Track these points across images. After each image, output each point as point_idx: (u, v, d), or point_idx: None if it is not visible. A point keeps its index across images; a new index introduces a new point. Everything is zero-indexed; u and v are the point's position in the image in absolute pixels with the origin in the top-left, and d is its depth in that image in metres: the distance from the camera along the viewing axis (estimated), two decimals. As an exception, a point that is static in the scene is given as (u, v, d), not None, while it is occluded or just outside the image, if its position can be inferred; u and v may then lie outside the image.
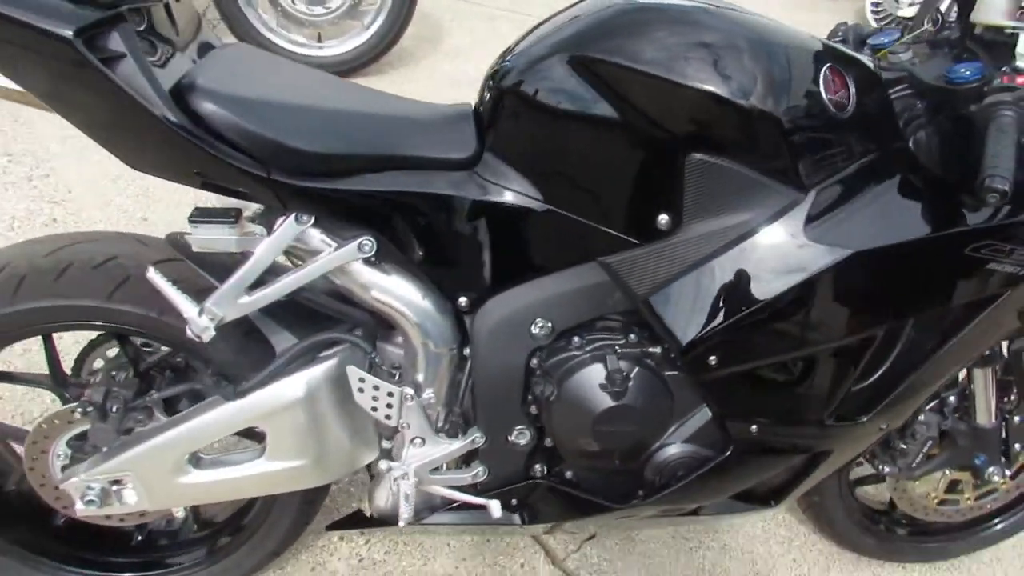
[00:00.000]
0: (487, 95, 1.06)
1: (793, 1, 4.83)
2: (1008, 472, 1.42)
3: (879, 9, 4.38)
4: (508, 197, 1.02)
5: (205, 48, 1.06)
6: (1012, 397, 1.39)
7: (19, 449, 1.23)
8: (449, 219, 1.03)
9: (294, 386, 1.09)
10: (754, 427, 1.11)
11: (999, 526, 1.59)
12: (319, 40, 2.99)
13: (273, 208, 0.99)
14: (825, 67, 0.99)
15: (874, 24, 4.40)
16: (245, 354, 1.11)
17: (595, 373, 1.09)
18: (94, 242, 1.11)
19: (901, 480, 1.47)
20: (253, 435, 1.22)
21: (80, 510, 1.14)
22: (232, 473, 1.14)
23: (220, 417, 1.09)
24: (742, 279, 1.01)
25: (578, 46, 0.98)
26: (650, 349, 1.10)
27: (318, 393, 1.10)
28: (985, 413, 1.35)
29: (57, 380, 1.19)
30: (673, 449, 1.16)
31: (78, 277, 1.06)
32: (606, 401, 1.09)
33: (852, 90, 1.01)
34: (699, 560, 1.62)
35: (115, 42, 0.84)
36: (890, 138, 1.05)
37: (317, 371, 1.09)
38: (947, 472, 1.47)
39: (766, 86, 0.95)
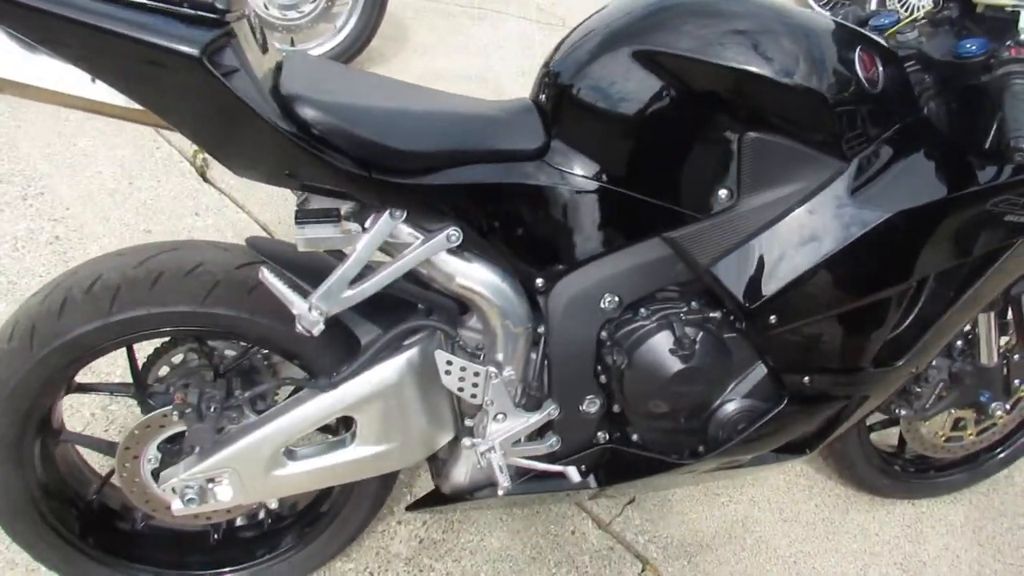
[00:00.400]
0: (548, 88, 1.14)
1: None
2: (1007, 406, 1.58)
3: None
4: (577, 182, 1.11)
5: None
6: (1011, 338, 1.54)
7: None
8: (525, 206, 1.11)
9: (384, 373, 1.15)
10: (807, 378, 1.22)
11: (999, 456, 1.76)
12: (292, 44, 3.00)
13: (367, 205, 1.05)
14: (858, 48, 1.11)
15: (815, 7, 4.61)
16: (332, 346, 1.17)
17: (663, 340, 1.18)
18: (179, 250, 1.14)
19: (914, 422, 1.61)
20: (328, 427, 1.28)
21: (178, 509, 1.18)
22: (325, 462, 1.20)
23: (315, 409, 1.15)
24: (798, 244, 1.12)
25: (640, 40, 1.06)
26: (711, 314, 1.20)
27: (405, 378, 1.17)
28: (988, 354, 1.50)
29: (140, 387, 1.23)
30: (733, 405, 1.26)
31: (172, 285, 1.10)
32: (676, 365, 1.18)
33: (880, 68, 1.13)
34: (731, 514, 1.74)
35: (229, 58, 0.89)
36: (911, 110, 1.17)
37: (404, 357, 1.16)
38: (953, 411, 1.61)
39: (811, 67, 1.06)
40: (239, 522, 1.41)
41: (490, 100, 1.19)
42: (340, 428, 1.30)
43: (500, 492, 1.20)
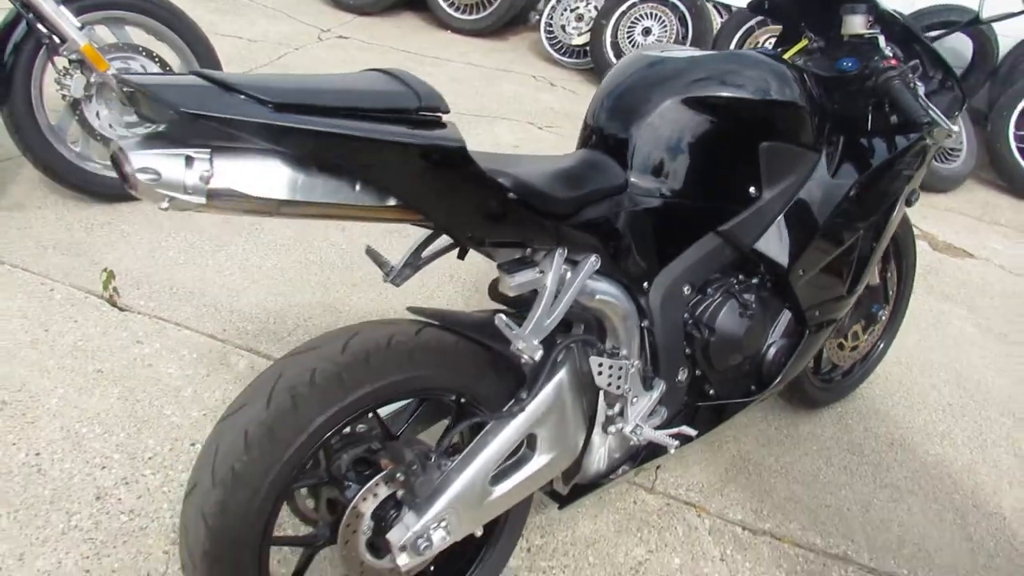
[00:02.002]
0: (610, 138, 1.47)
1: (477, 45, 5.63)
2: (887, 307, 2.19)
3: (554, 40, 5.34)
4: (654, 203, 1.45)
5: None
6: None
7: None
8: (628, 230, 1.42)
9: (555, 388, 1.38)
10: (817, 312, 1.67)
11: (881, 347, 2.39)
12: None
13: (539, 249, 1.29)
14: (804, 73, 1.59)
15: (551, 52, 5.37)
16: (499, 378, 1.37)
17: (731, 308, 1.56)
18: (360, 333, 1.26)
19: (834, 340, 2.17)
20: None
21: (406, 564, 1.29)
22: (519, 478, 1.39)
23: (511, 434, 1.34)
24: (807, 216, 1.57)
25: (684, 91, 1.44)
26: (752, 281, 1.61)
27: (565, 388, 1.41)
28: (873, 275, 2.10)
29: (332, 478, 1.31)
30: (774, 347, 1.68)
31: (382, 359, 1.23)
32: (743, 324, 1.57)
33: (814, 84, 1.62)
34: (729, 453, 2.15)
35: (457, 135, 1.10)
36: (836, 109, 1.68)
37: (564, 370, 1.40)
38: (855, 325, 2.20)
39: (792, 90, 1.51)
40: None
41: (566, 154, 1.49)
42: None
43: (671, 450, 1.49)
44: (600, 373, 1.42)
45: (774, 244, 1.56)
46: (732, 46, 4.71)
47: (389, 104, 1.05)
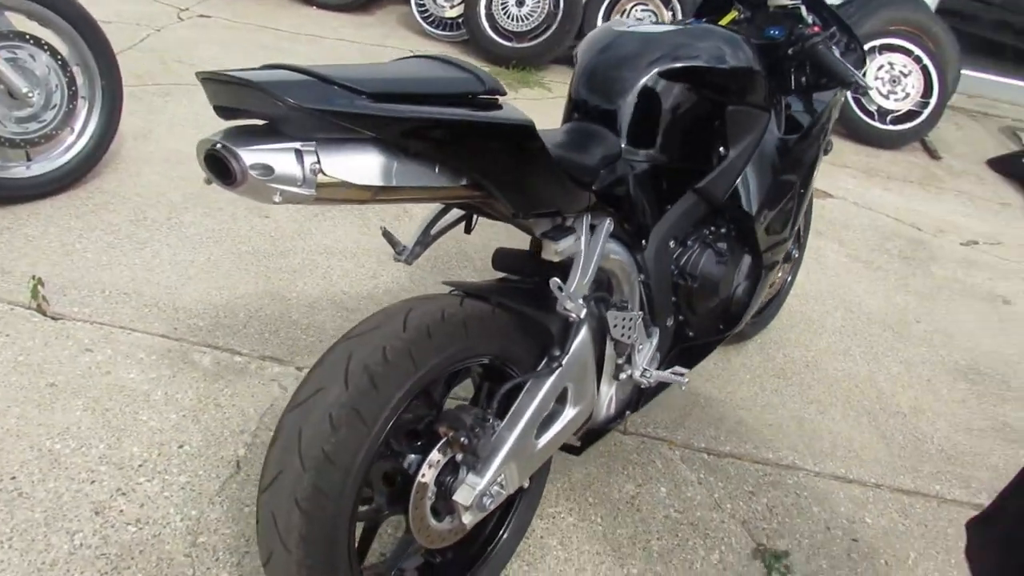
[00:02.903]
0: (601, 108, 1.59)
1: (346, 20, 5.51)
2: (796, 250, 2.48)
3: (425, 12, 5.33)
4: (646, 167, 1.60)
5: None
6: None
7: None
8: (630, 193, 1.56)
9: (581, 343, 1.50)
10: (770, 253, 1.89)
11: (789, 281, 2.70)
12: (28, 158, 2.67)
13: (569, 216, 1.40)
14: (745, 39, 1.78)
15: (424, 25, 5.36)
16: (529, 341, 1.47)
17: (710, 258, 1.74)
18: (415, 309, 1.32)
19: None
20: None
21: (470, 520, 1.38)
22: (556, 429, 1.50)
23: (550, 390, 1.45)
24: (765, 168, 1.77)
25: (659, 64, 1.58)
26: (722, 231, 1.79)
27: (588, 343, 1.53)
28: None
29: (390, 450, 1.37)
30: (740, 288, 1.88)
31: (441, 331, 1.30)
32: (720, 270, 1.75)
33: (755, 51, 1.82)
34: (694, 391, 2.37)
35: (523, 114, 1.19)
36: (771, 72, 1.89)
37: (587, 326, 1.52)
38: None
39: (748, 57, 1.70)
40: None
41: (564, 127, 1.59)
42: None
43: (683, 387, 1.65)
44: (615, 326, 1.56)
45: (741, 196, 1.75)
46: (600, 14, 4.93)
47: (461, 89, 1.11)
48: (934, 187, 4.63)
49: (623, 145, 1.57)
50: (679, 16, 4.90)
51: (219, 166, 0.98)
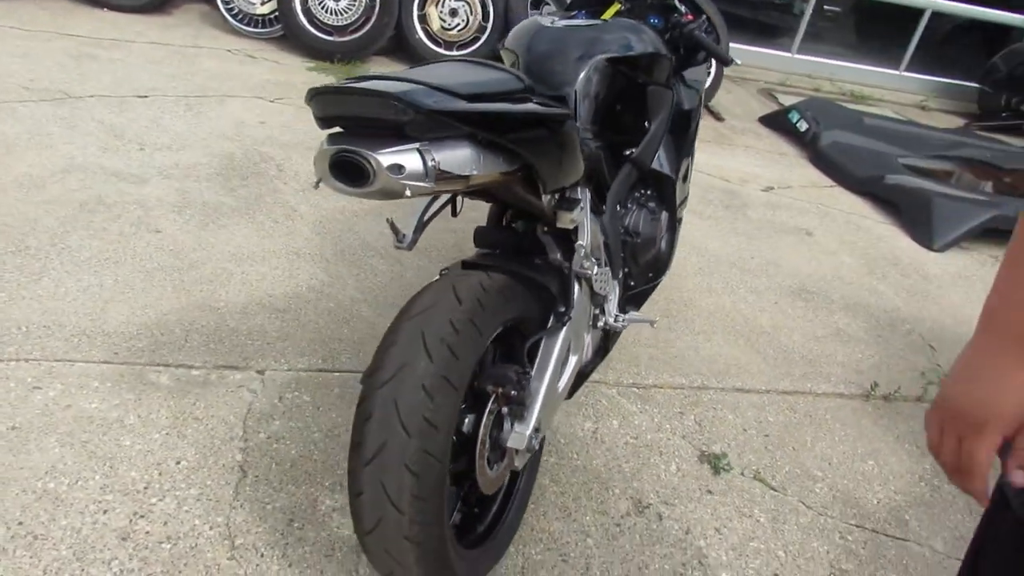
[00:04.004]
0: (551, 96, 1.84)
1: (147, 23, 5.19)
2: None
3: (232, 10, 5.16)
4: (598, 143, 1.87)
5: None
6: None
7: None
8: (592, 167, 1.82)
9: (583, 298, 1.75)
10: (681, 207, 2.25)
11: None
12: None
13: (571, 187, 1.63)
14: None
15: (234, 23, 5.20)
16: (540, 300, 1.70)
17: (645, 217, 2.06)
18: (457, 283, 1.49)
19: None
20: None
21: (520, 464, 1.60)
22: (567, 376, 1.74)
23: (565, 340, 1.68)
24: (676, 136, 2.11)
25: (600, 52, 1.86)
26: (648, 192, 2.11)
27: (586, 297, 1.78)
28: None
29: None
30: (663, 240, 2.22)
31: (488, 301, 1.48)
32: (653, 227, 2.08)
33: (655, 37, 2.15)
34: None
35: (562, 106, 1.41)
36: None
37: (579, 283, 1.77)
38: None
39: (659, 42, 2.02)
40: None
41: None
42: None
43: (654, 325, 1.95)
44: (596, 281, 1.82)
45: (663, 161, 2.08)
46: (415, 9, 5.08)
47: (514, 87, 1.31)
48: (727, 144, 5.37)
49: (578, 126, 1.83)
50: (490, 9, 5.15)
51: (348, 170, 1.11)
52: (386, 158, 1.10)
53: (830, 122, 5.59)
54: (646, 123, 2.02)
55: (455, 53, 5.22)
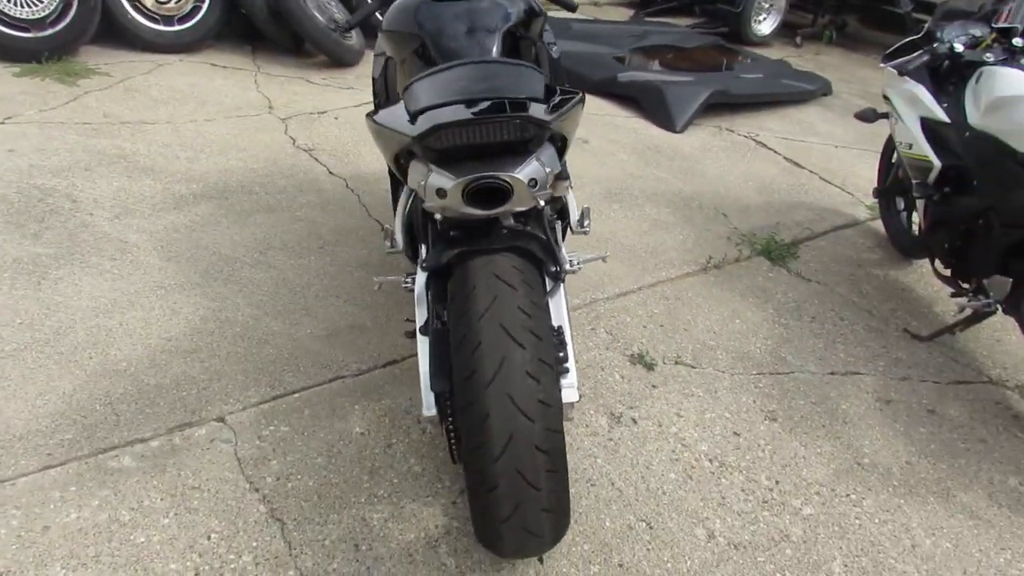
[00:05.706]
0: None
1: None
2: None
3: None
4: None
5: None
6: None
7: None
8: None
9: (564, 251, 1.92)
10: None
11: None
12: None
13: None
14: None
15: None
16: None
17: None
18: (496, 270, 1.58)
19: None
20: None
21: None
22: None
23: (564, 290, 1.85)
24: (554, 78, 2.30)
25: (506, 21, 1.96)
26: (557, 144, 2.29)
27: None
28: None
29: None
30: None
31: (522, 281, 1.60)
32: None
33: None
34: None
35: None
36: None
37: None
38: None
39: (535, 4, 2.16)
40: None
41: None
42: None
43: (605, 261, 2.17)
44: (560, 232, 2.00)
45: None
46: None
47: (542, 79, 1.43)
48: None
49: None
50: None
51: (486, 193, 1.18)
52: (523, 175, 1.18)
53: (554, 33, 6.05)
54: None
55: (176, 28, 4.73)
